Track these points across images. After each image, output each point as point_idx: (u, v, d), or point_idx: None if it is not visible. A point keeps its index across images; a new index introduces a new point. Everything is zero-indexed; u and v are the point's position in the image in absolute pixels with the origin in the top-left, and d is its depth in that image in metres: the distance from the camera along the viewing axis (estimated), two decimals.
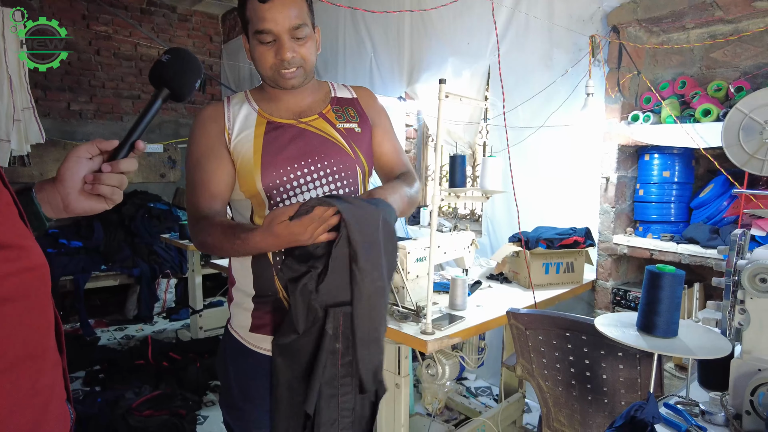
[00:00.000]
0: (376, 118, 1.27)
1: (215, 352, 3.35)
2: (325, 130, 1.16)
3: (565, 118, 2.52)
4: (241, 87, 5.57)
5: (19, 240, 0.63)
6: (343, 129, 1.18)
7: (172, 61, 0.81)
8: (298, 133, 1.13)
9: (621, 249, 2.31)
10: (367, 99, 1.28)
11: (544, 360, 1.68)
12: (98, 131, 5.19)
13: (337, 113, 1.20)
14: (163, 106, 3.51)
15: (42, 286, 0.65)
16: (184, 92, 0.81)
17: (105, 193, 0.75)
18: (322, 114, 1.18)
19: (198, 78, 0.83)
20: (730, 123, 1.33)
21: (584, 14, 2.47)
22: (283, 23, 1.06)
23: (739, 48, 2.17)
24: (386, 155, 1.27)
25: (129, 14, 5.29)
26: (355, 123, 1.21)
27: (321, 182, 1.13)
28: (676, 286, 0.92)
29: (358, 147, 1.19)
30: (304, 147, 1.12)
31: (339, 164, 1.14)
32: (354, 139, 1.18)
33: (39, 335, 0.65)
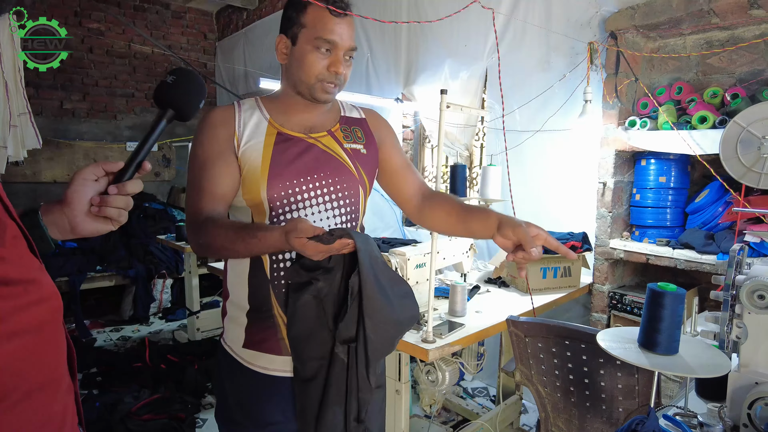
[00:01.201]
0: (383, 137, 1.28)
1: (213, 353, 3.36)
2: (332, 148, 1.17)
3: (563, 122, 2.54)
4: (236, 85, 5.54)
5: (27, 274, 0.63)
6: (349, 149, 1.19)
7: (177, 81, 0.81)
8: (307, 148, 1.14)
9: (618, 253, 2.33)
10: (375, 121, 1.29)
11: (543, 366, 1.70)
12: (91, 130, 5.15)
13: (345, 132, 1.21)
14: None
15: (54, 317, 0.65)
16: (188, 113, 0.81)
17: (112, 215, 0.76)
18: (330, 132, 1.19)
19: (202, 98, 0.83)
20: (729, 136, 1.35)
21: (582, 19, 2.48)
22: (347, 41, 1.11)
23: (735, 54, 2.19)
24: (412, 182, 1.29)
25: (122, 11, 5.24)
26: (362, 144, 1.22)
27: (324, 199, 1.14)
28: (677, 305, 0.93)
29: (363, 168, 1.20)
30: (312, 162, 1.13)
31: (343, 183, 1.16)
32: (359, 160, 1.20)
33: (52, 364, 0.65)
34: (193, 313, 3.70)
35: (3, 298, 0.57)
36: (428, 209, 1.25)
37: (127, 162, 0.76)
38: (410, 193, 1.29)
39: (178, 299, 4.45)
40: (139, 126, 5.45)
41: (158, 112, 0.79)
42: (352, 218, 1.19)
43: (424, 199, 1.27)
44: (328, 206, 1.14)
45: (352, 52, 1.14)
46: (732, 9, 1.99)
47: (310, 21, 1.09)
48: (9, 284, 0.58)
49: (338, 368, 1.02)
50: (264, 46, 5.02)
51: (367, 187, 1.22)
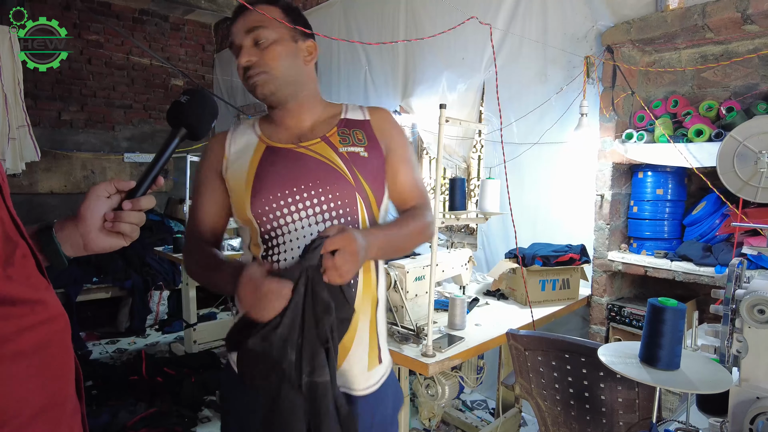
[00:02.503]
0: (390, 143, 1.15)
1: (210, 366, 3.33)
2: (324, 155, 1.08)
3: (560, 135, 2.56)
4: (234, 97, 5.56)
5: (34, 293, 0.63)
6: (345, 153, 1.09)
7: (191, 101, 0.83)
8: (295, 158, 1.08)
9: (616, 265, 2.34)
10: (382, 122, 1.16)
11: (543, 380, 1.69)
12: (89, 140, 5.15)
13: (343, 136, 1.11)
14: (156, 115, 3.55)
15: (60, 336, 0.65)
16: (201, 132, 0.83)
17: (125, 230, 0.77)
18: (324, 137, 1.11)
19: (214, 118, 0.85)
20: (725, 150, 1.36)
21: (578, 33, 2.51)
22: (240, 29, 1.06)
23: (729, 68, 2.22)
24: (400, 185, 1.16)
25: (121, 23, 5.27)
26: (362, 147, 1.11)
27: (314, 210, 1.06)
28: (678, 320, 0.94)
29: (362, 173, 1.09)
30: (298, 172, 1.06)
31: (336, 191, 1.06)
32: (357, 165, 1.09)
33: (58, 385, 0.65)
34: (190, 325, 3.67)
35: (9, 318, 0.56)
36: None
37: (140, 179, 0.78)
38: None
39: (174, 311, 4.43)
40: (137, 137, 5.45)
41: (171, 130, 0.81)
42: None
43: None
44: (319, 218, 1.06)
45: (254, 34, 1.05)
46: (726, 24, 2.02)
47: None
48: (16, 304, 0.58)
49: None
50: None
51: (368, 193, 1.10)
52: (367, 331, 1.10)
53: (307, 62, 1.12)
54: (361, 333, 1.09)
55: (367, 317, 1.10)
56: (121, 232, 0.77)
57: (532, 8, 2.70)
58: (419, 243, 1.14)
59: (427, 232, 1.15)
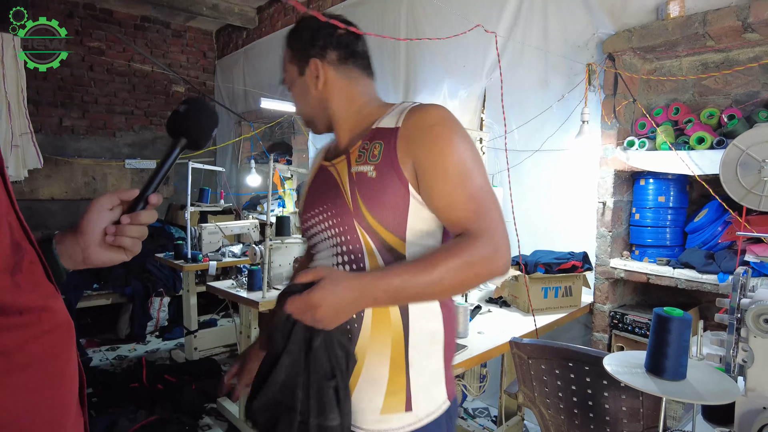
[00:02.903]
0: (422, 158, 0.90)
1: (211, 373, 3.32)
2: (341, 174, 0.99)
3: (561, 142, 2.56)
4: (235, 103, 5.57)
5: (42, 301, 0.62)
6: (354, 173, 0.96)
7: (189, 111, 0.81)
8: (324, 178, 1.05)
9: (618, 273, 2.34)
10: (412, 129, 0.93)
11: (546, 388, 1.69)
12: (90, 147, 5.16)
13: (362, 152, 0.97)
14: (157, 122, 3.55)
15: (66, 344, 0.65)
16: (201, 141, 0.81)
17: (126, 244, 0.75)
18: (347, 153, 1.00)
19: (215, 126, 0.83)
20: (728, 158, 1.36)
21: (579, 40, 2.52)
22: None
23: (730, 76, 2.22)
24: (440, 207, 0.91)
25: (123, 30, 5.29)
26: (372, 165, 0.94)
27: (326, 234, 1.01)
28: (684, 330, 0.93)
29: (363, 197, 0.93)
30: (322, 194, 1.03)
31: (337, 216, 0.97)
32: (361, 187, 0.94)
33: (62, 393, 0.65)
34: (190, 332, 3.66)
35: (18, 328, 0.56)
36: None
37: (141, 191, 0.76)
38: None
39: (175, 318, 4.42)
40: (137, 143, 5.46)
41: (171, 141, 0.79)
42: (352, 262, 0.96)
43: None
44: (330, 243, 1.00)
45: (284, 82, 1.11)
46: (726, 32, 2.03)
47: None
48: (23, 312, 0.58)
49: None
50: (263, 66, 5.06)
51: (370, 222, 0.93)
52: (382, 370, 0.95)
53: (320, 87, 1.03)
54: (371, 371, 0.95)
55: (383, 356, 0.95)
56: (122, 246, 0.75)
57: (533, 16, 2.72)
58: (469, 283, 0.87)
59: (476, 270, 0.85)
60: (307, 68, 1.03)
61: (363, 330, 0.94)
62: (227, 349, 3.94)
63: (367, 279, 0.84)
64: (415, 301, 0.91)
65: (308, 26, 1.06)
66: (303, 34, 1.06)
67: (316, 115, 1.08)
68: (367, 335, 0.94)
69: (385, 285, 0.83)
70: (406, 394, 0.95)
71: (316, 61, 1.02)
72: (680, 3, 2.12)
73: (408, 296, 0.86)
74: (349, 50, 1.04)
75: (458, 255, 0.83)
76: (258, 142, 5.36)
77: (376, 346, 0.95)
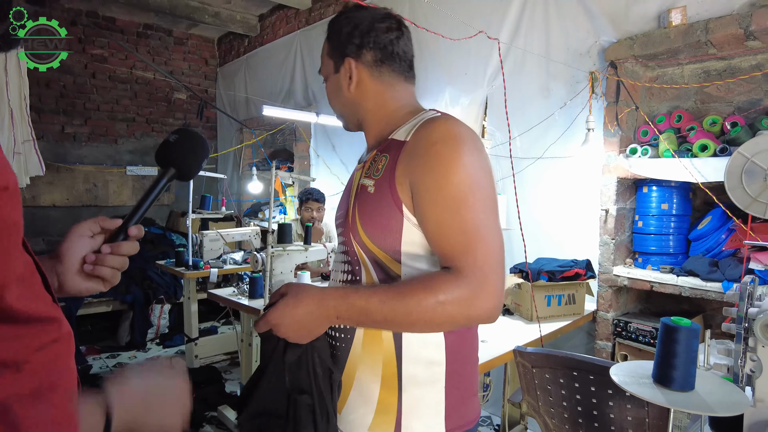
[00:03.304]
0: (417, 178, 0.84)
1: (211, 381, 3.30)
2: (354, 184, 0.99)
3: (564, 150, 2.56)
4: (237, 110, 5.58)
5: (45, 311, 0.62)
6: (360, 185, 0.95)
7: (180, 141, 0.79)
8: (349, 184, 1.04)
9: (621, 280, 2.32)
10: (417, 146, 0.86)
11: (550, 398, 1.67)
12: (92, 154, 5.17)
13: (373, 164, 0.94)
14: (158, 128, 3.53)
15: (69, 354, 0.64)
16: (190, 172, 0.79)
17: (105, 275, 0.71)
18: (364, 162, 1.00)
19: (205, 157, 0.81)
20: (733, 166, 1.36)
21: (581, 48, 2.53)
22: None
23: (733, 84, 2.22)
24: (429, 235, 0.85)
25: (125, 38, 5.31)
26: (374, 180, 0.91)
27: (339, 239, 1.01)
28: (692, 340, 0.92)
29: (360, 213, 0.91)
30: (343, 197, 1.04)
31: (342, 227, 0.98)
32: (361, 202, 0.92)
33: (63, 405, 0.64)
34: (191, 339, 3.65)
35: (24, 338, 0.55)
36: None
37: (125, 220, 0.73)
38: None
39: (175, 325, 4.40)
40: (139, 150, 5.47)
41: (159, 170, 0.76)
42: (353, 273, 0.95)
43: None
44: (340, 249, 1.01)
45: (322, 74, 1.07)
46: (728, 40, 2.03)
47: None
48: (30, 322, 0.57)
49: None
50: (265, 73, 5.08)
51: (362, 237, 0.90)
52: (373, 387, 0.92)
53: (352, 88, 0.99)
54: (362, 385, 0.93)
55: (375, 373, 0.91)
56: (101, 276, 0.71)
57: (534, 24, 2.72)
58: (441, 323, 0.80)
59: (448, 311, 0.76)
60: (342, 66, 0.99)
61: (354, 344, 0.92)
62: (228, 357, 3.92)
63: (331, 295, 0.81)
64: (383, 327, 0.86)
65: (349, 20, 1.00)
66: (343, 28, 1.00)
67: (347, 115, 1.06)
68: (358, 350, 0.92)
69: (346, 305, 0.79)
70: (397, 416, 0.90)
71: (351, 61, 0.98)
72: (682, 11, 2.13)
73: (374, 321, 0.80)
74: (387, 51, 0.97)
75: (432, 291, 0.76)
76: (260, 149, 5.37)
77: (368, 361, 0.92)
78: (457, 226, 0.79)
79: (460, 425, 0.93)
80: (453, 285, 0.76)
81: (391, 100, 0.99)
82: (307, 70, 4.50)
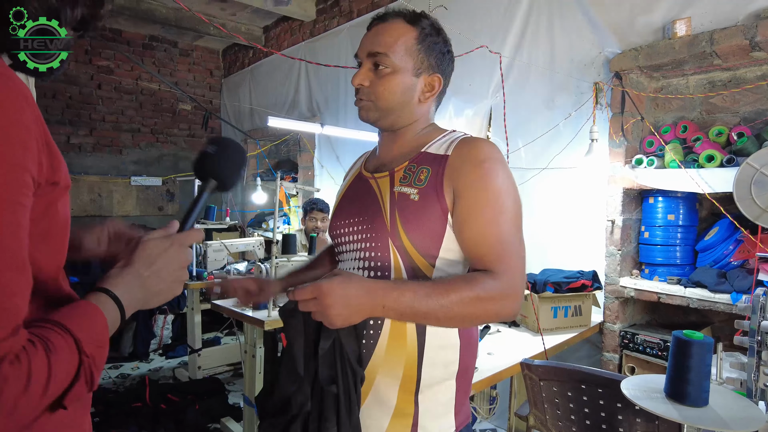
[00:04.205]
0: (463, 188, 0.92)
1: (214, 393, 3.28)
2: (382, 191, 1.00)
3: (568, 160, 2.55)
4: (241, 121, 5.61)
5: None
6: (396, 193, 0.97)
7: (219, 153, 0.78)
8: (365, 189, 1.04)
9: (628, 292, 2.31)
10: (459, 160, 0.95)
11: (558, 411, 1.65)
12: (97, 164, 5.19)
13: (407, 173, 0.98)
14: (163, 139, 3.54)
15: None
16: (231, 182, 0.79)
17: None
18: (392, 171, 1.01)
19: (244, 166, 0.80)
20: (742, 177, 1.35)
21: (585, 59, 2.53)
22: (365, 48, 1.00)
23: (738, 94, 2.22)
24: (467, 242, 0.93)
25: (131, 49, 5.36)
26: (417, 189, 0.95)
27: (355, 246, 1.01)
28: (705, 354, 0.91)
29: (402, 218, 0.94)
30: (360, 204, 1.03)
31: (372, 232, 0.98)
32: (401, 208, 0.95)
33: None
34: (194, 350, 3.63)
35: None
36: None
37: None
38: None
39: (178, 336, 4.38)
40: (143, 160, 5.49)
41: (200, 185, 0.76)
42: (377, 277, 0.98)
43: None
44: (358, 255, 1.00)
45: (376, 58, 0.98)
46: (733, 51, 2.03)
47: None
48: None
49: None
50: (269, 84, 5.11)
51: (405, 243, 0.94)
52: (391, 392, 0.95)
53: (424, 99, 1.02)
54: (380, 390, 0.95)
55: (395, 377, 0.95)
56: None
57: (539, 35, 2.73)
58: (476, 317, 0.88)
59: (485, 306, 0.86)
60: (426, 76, 1.01)
61: (378, 348, 0.94)
62: (231, 368, 3.89)
63: (380, 285, 0.84)
64: (421, 321, 0.89)
65: (447, 42, 1.05)
66: (441, 46, 1.03)
67: (393, 112, 1.01)
68: (381, 354, 0.94)
69: (396, 295, 0.83)
70: (413, 420, 0.94)
71: (440, 79, 1.02)
72: (687, 22, 2.13)
73: (415, 314, 0.85)
74: (448, 84, 1.06)
75: (473, 288, 0.84)
76: (264, 159, 5.38)
77: (389, 367, 0.94)
78: (496, 235, 0.90)
79: (463, 420, 1.01)
80: (490, 284, 0.85)
81: (427, 118, 1.06)
82: (312, 81, 4.52)
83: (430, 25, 1.01)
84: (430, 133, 1.03)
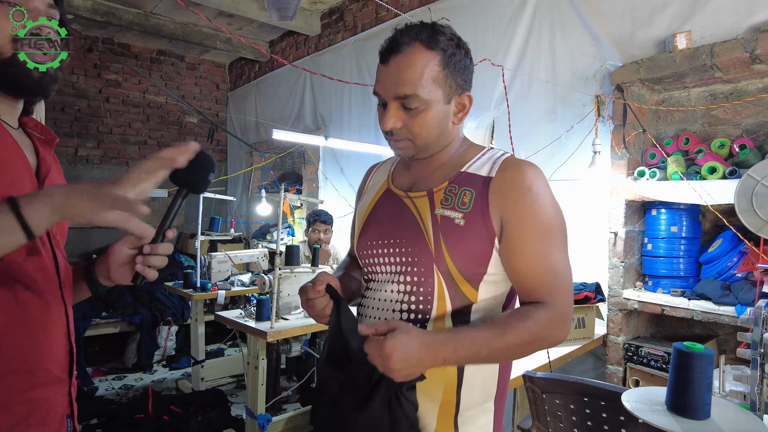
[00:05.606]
0: (508, 213, 0.90)
1: (217, 404, 3.27)
2: (421, 212, 0.96)
3: (571, 172, 2.56)
4: (247, 134, 5.66)
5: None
6: (439, 216, 0.93)
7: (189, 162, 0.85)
8: (399, 208, 1.00)
9: (631, 304, 2.30)
10: (505, 184, 0.91)
11: (561, 424, 1.64)
12: (103, 176, 5.24)
13: (448, 195, 0.94)
14: None
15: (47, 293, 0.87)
16: (199, 187, 0.85)
17: (156, 264, 0.85)
18: (431, 192, 0.97)
19: (211, 171, 0.85)
20: (743, 189, 1.35)
21: (587, 72, 2.55)
22: (389, 89, 0.92)
23: (740, 106, 2.23)
24: (517, 272, 0.91)
25: (139, 63, 5.44)
26: (461, 212, 0.91)
27: (393, 269, 0.98)
28: (706, 366, 0.91)
29: (448, 244, 0.91)
30: (396, 225, 0.99)
31: (413, 256, 0.94)
32: (446, 233, 0.91)
33: (31, 350, 0.81)
34: (198, 362, 3.63)
35: None
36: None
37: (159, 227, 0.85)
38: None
39: (182, 347, 4.38)
40: None
41: (176, 190, 0.85)
42: (419, 303, 0.94)
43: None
44: (396, 279, 0.97)
45: (405, 101, 0.91)
46: (734, 64, 2.05)
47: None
48: None
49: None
50: (275, 97, 5.16)
51: (451, 269, 0.92)
52: (430, 417, 0.94)
53: (458, 121, 0.98)
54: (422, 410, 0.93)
55: (433, 401, 0.94)
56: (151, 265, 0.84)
57: (540, 49, 2.76)
58: (531, 351, 0.90)
59: (542, 343, 0.88)
60: (457, 98, 0.96)
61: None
62: (234, 380, 3.89)
63: (438, 339, 0.83)
64: (479, 363, 0.92)
65: (467, 52, 0.98)
66: (462, 53, 0.96)
67: (430, 147, 0.97)
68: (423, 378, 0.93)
69: (455, 346, 0.83)
70: None
71: (470, 98, 0.98)
72: (687, 35, 2.15)
73: (475, 360, 0.87)
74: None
75: (528, 327, 0.85)
76: (269, 171, 5.42)
77: (428, 391, 0.93)
78: (548, 264, 0.90)
79: None
80: (546, 321, 0.87)
81: (462, 134, 1.04)
82: (317, 95, 4.56)
83: (448, 40, 0.94)
84: (468, 152, 1.00)
